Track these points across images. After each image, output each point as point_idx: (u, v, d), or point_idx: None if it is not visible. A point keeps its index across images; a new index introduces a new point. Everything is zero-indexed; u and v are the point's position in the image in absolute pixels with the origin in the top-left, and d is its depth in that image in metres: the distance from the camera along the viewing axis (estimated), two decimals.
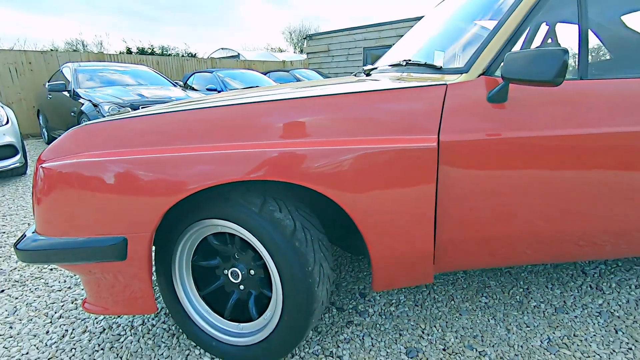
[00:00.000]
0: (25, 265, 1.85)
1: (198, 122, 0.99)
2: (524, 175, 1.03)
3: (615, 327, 1.31)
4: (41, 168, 1.00)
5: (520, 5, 1.06)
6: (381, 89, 1.05)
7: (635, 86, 1.06)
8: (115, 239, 0.97)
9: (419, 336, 1.29)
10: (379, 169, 0.97)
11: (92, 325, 1.37)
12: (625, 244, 1.17)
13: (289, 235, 0.99)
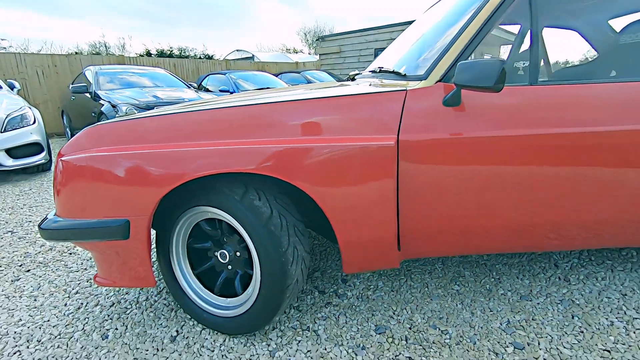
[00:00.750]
0: (48, 250, 2.07)
1: (184, 123, 1.16)
2: (474, 171, 1.16)
3: (573, 313, 1.41)
4: (60, 161, 1.19)
5: (473, 22, 1.19)
6: (350, 94, 1.19)
7: (578, 91, 1.17)
8: (120, 221, 1.15)
9: (390, 316, 1.43)
10: (344, 164, 1.12)
11: (104, 300, 1.56)
12: (569, 235, 1.27)
13: (266, 220, 1.15)
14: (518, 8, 1.22)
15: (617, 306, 1.44)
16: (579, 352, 1.21)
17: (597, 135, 1.14)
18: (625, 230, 1.28)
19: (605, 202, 1.21)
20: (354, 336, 1.32)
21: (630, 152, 1.15)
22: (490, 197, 1.18)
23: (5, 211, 2.74)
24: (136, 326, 1.39)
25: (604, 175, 1.17)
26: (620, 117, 1.14)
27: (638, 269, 1.71)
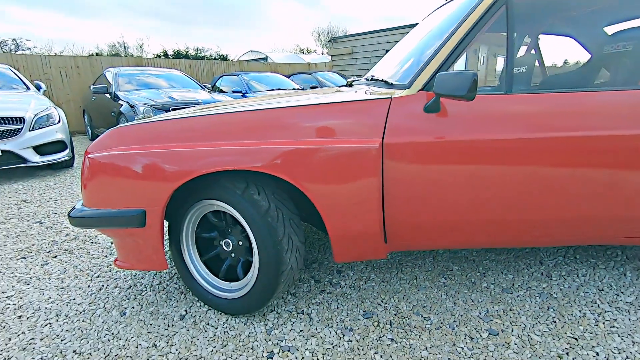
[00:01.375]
0: (72, 238, 2.28)
1: (193, 126, 1.32)
2: (451, 171, 1.28)
3: (549, 305, 1.52)
4: (87, 158, 1.37)
5: (452, 37, 1.31)
6: (341, 101, 1.33)
7: (548, 100, 1.28)
8: (138, 211, 1.32)
9: (378, 304, 1.56)
10: (334, 164, 1.26)
11: (122, 283, 1.74)
12: (538, 231, 1.38)
13: (264, 212, 1.30)
14: (496, 25, 1.34)
15: (592, 300, 1.54)
16: (548, 339, 1.32)
17: (562, 140, 1.25)
18: (589, 226, 1.38)
19: (569, 200, 1.31)
20: (343, 319, 1.46)
21: (594, 157, 1.26)
22: (466, 194, 1.30)
23: (34, 204, 2.97)
24: (150, 305, 1.56)
25: (570, 176, 1.28)
26: (584, 124, 1.25)
27: (620, 267, 1.79)
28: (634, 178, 1.30)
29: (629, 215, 1.36)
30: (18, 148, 3.52)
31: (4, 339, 1.37)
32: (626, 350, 1.25)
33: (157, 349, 1.30)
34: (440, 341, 1.33)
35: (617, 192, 1.32)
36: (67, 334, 1.39)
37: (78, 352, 1.29)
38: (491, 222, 1.35)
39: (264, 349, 1.29)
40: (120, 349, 1.30)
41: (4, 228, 2.47)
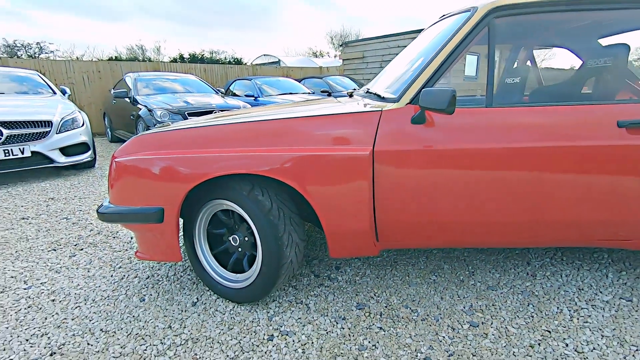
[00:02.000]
0: (96, 233, 2.49)
1: (205, 134, 1.50)
2: (434, 176, 1.42)
3: (530, 302, 1.64)
4: (114, 161, 1.56)
5: (438, 56, 1.46)
6: (336, 113, 1.49)
7: (524, 113, 1.41)
8: (157, 208, 1.50)
9: (370, 297, 1.71)
10: (329, 169, 1.42)
11: (141, 273, 1.94)
12: (515, 233, 1.51)
13: (267, 211, 1.46)
14: (478, 44, 1.48)
15: (570, 298, 1.65)
16: (524, 331, 1.45)
17: (536, 150, 1.38)
18: (564, 228, 1.50)
19: (543, 204, 1.44)
20: (337, 310, 1.61)
21: (563, 165, 1.38)
22: (447, 198, 1.44)
23: (60, 201, 3.22)
24: (166, 293, 1.74)
25: (542, 183, 1.41)
26: (555, 135, 1.38)
27: (603, 269, 1.89)
28: (605, 184, 1.41)
29: (604, 218, 1.47)
30: (46, 149, 3.80)
31: (41, 318, 1.57)
32: (594, 343, 1.37)
33: (172, 330, 1.48)
34: (424, 330, 1.47)
35: (591, 197, 1.43)
36: (95, 316, 1.58)
37: (104, 331, 1.48)
38: (471, 224, 1.49)
39: (265, 333, 1.46)
40: (140, 329, 1.48)
41: (35, 223, 2.71)
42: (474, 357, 1.32)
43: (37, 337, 1.45)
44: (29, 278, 1.92)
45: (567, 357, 1.31)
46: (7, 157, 3.58)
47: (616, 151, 1.39)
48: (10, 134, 3.61)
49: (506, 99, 1.55)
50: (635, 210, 1.46)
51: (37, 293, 1.77)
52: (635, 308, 1.57)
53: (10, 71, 5.15)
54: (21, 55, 25.38)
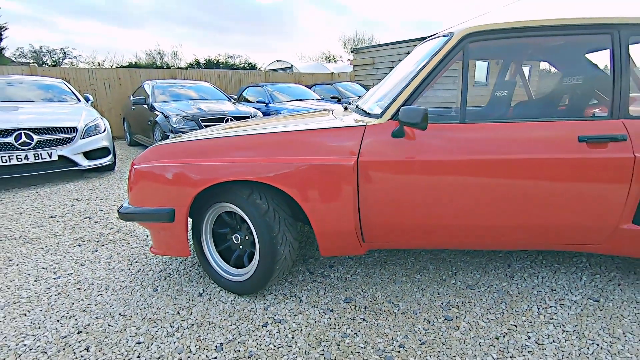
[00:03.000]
0: (116, 231, 2.75)
1: (211, 146, 1.71)
2: (412, 183, 1.60)
3: (503, 300, 1.79)
4: (133, 168, 1.79)
5: (416, 77, 1.64)
6: (326, 128, 1.69)
7: (493, 128, 1.58)
8: (169, 209, 1.72)
9: (358, 292, 1.89)
10: (319, 176, 1.61)
11: (154, 267, 2.17)
12: (485, 236, 1.67)
13: (263, 213, 1.66)
14: (452, 67, 1.65)
15: (542, 297, 1.79)
16: (492, 325, 1.60)
17: (499, 161, 1.54)
18: (530, 233, 1.65)
19: (508, 209, 1.59)
20: (327, 303, 1.79)
21: (529, 175, 1.54)
22: (423, 203, 1.62)
23: (84, 202, 3.51)
24: (176, 285, 1.96)
25: (506, 190, 1.57)
26: (515, 148, 1.54)
27: (579, 272, 2.02)
28: (568, 193, 1.56)
29: (569, 223, 1.62)
30: (71, 153, 4.11)
31: (69, 303, 1.81)
32: (554, 336, 1.52)
33: (180, 315, 1.69)
34: (403, 322, 1.64)
35: (556, 204, 1.59)
36: (114, 302, 1.81)
37: (122, 315, 1.70)
38: (445, 226, 1.66)
39: (261, 320, 1.65)
40: (153, 314, 1.70)
41: (62, 221, 2.99)
42: (444, 346, 1.49)
43: (66, 319, 1.68)
44: (58, 269, 2.17)
45: (527, 347, 1.46)
46: (37, 160, 3.90)
47: (577, 163, 1.54)
48: (40, 139, 3.93)
49: (477, 115, 1.72)
50: (597, 217, 1.61)
51: (65, 282, 2.02)
52: (601, 307, 1.70)
53: (39, 80, 5.54)
54: (46, 61, 26.56)
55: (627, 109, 1.58)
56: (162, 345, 1.50)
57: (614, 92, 1.59)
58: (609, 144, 1.55)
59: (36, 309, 1.77)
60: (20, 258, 2.32)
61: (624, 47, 1.60)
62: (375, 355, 1.44)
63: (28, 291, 1.93)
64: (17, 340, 1.54)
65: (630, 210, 1.59)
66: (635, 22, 1.61)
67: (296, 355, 1.44)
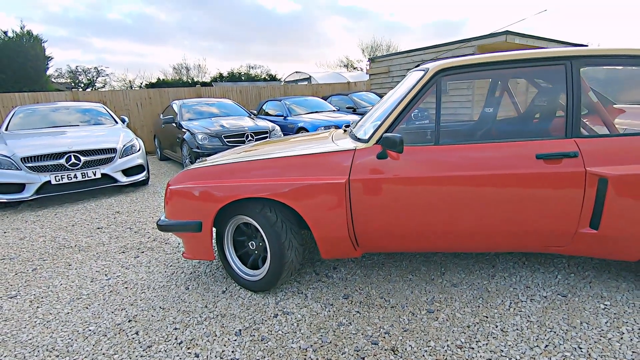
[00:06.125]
0: (153, 240, 3.19)
1: (229, 169, 2.09)
2: (394, 196, 1.91)
3: (481, 295, 2.06)
4: (169, 188, 2.21)
5: (397, 107, 1.96)
6: (323, 152, 2.03)
7: (464, 149, 1.87)
8: (197, 222, 2.11)
9: (355, 290, 2.21)
10: (317, 192, 1.95)
11: (186, 270, 2.57)
12: (462, 241, 1.95)
13: (273, 224, 2.02)
14: (429, 96, 1.97)
15: (516, 294, 2.05)
16: (467, 316, 1.88)
17: (471, 177, 1.83)
18: (501, 237, 1.92)
19: (479, 218, 1.87)
20: (328, 299, 2.13)
21: (494, 188, 1.82)
22: (405, 213, 1.93)
23: (124, 214, 4.01)
24: (204, 284, 2.35)
25: (475, 201, 1.85)
26: (482, 165, 1.83)
27: (556, 272, 2.25)
28: (529, 203, 1.83)
29: (532, 229, 1.88)
30: (112, 172, 4.66)
31: (120, 299, 2.23)
32: (519, 325, 1.78)
33: (207, 308, 2.07)
34: (390, 314, 1.95)
35: (519, 213, 1.86)
36: (155, 298, 2.22)
37: (162, 308, 2.10)
38: (423, 233, 1.96)
39: (272, 312, 2.01)
40: (185, 307, 2.09)
41: (107, 232, 3.48)
42: (422, 333, 1.78)
43: (119, 311, 2.10)
44: (108, 272, 2.62)
45: (493, 334, 1.73)
46: (83, 178, 4.47)
47: (536, 177, 1.81)
48: (86, 160, 4.50)
49: (449, 138, 2.01)
50: (559, 223, 1.86)
51: (115, 282, 2.46)
52: (567, 302, 1.94)
53: (81, 105, 6.22)
54: (82, 79, 28.46)
55: (579, 128, 1.84)
56: (194, 331, 1.88)
57: (567, 114, 1.86)
58: (563, 160, 1.81)
59: (94, 303, 2.20)
60: (78, 263, 2.80)
61: (576, 75, 1.87)
62: (363, 339, 1.76)
63: (87, 290, 2.38)
64: (84, 327, 1.96)
65: (586, 217, 1.84)
66: (585, 54, 1.87)
67: (299, 339, 1.78)
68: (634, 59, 1.85)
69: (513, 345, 1.65)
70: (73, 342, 1.84)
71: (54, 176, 4.32)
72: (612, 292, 2.00)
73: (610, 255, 1.92)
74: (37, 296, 2.32)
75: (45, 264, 2.81)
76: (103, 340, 1.84)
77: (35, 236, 3.46)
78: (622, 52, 1.87)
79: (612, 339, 1.65)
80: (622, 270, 2.21)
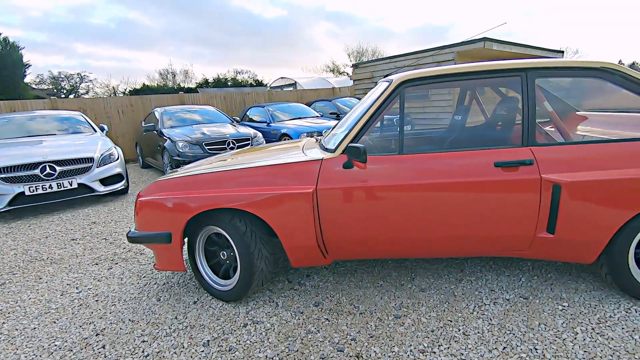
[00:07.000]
0: (127, 251, 3.17)
1: (199, 180, 2.11)
2: (360, 204, 1.96)
3: (447, 300, 2.11)
4: (138, 200, 2.20)
5: (362, 118, 2.01)
6: (292, 162, 2.07)
7: (425, 158, 1.93)
8: (167, 233, 2.11)
9: (326, 297, 2.23)
10: (285, 202, 1.98)
11: (159, 281, 2.56)
12: (424, 246, 2.00)
13: (242, 234, 2.04)
14: (392, 108, 2.02)
15: (480, 297, 2.11)
16: (432, 321, 1.93)
17: (432, 185, 1.89)
18: (460, 243, 1.98)
19: (439, 224, 1.93)
20: (299, 307, 2.15)
21: (454, 195, 1.88)
22: (371, 220, 1.97)
23: (100, 225, 3.96)
24: (176, 295, 2.35)
25: (437, 208, 1.91)
26: (443, 174, 1.89)
27: (521, 275, 2.32)
28: (488, 209, 1.90)
29: (492, 234, 1.95)
30: (89, 181, 4.60)
31: (89, 312, 2.21)
32: (480, 328, 1.83)
33: (177, 320, 2.07)
34: (359, 321, 1.98)
35: (478, 218, 1.92)
36: (125, 310, 2.21)
37: (131, 320, 2.09)
38: (391, 239, 2.01)
39: (242, 322, 2.02)
40: (155, 319, 2.09)
41: (82, 243, 3.43)
42: (387, 338, 1.82)
43: (87, 324, 2.08)
44: (80, 285, 2.59)
45: (455, 337, 1.78)
46: (59, 189, 4.40)
47: (494, 184, 1.88)
48: (62, 170, 4.44)
49: (412, 147, 2.07)
50: (518, 228, 1.93)
51: (85, 295, 2.43)
52: (528, 304, 2.01)
53: (59, 114, 6.13)
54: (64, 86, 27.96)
55: (534, 137, 1.92)
56: (162, 343, 1.88)
57: (523, 123, 1.94)
58: (519, 167, 1.88)
59: (63, 317, 2.18)
60: (49, 276, 2.76)
61: (531, 86, 1.95)
62: (330, 347, 1.79)
63: (56, 303, 2.35)
64: (50, 342, 1.94)
65: (543, 222, 1.91)
66: (539, 66, 1.95)
67: (267, 348, 1.80)
68: (583, 71, 1.95)
69: (473, 348, 1.70)
70: (37, 358, 1.82)
71: (28, 187, 4.24)
72: (570, 294, 2.07)
73: (567, 258, 1.99)
74: (3, 311, 2.28)
75: (15, 278, 2.76)
76: (68, 356, 1.82)
77: (6, 249, 3.39)
78: (573, 65, 1.96)
79: (567, 339, 1.71)
80: (582, 272, 2.30)
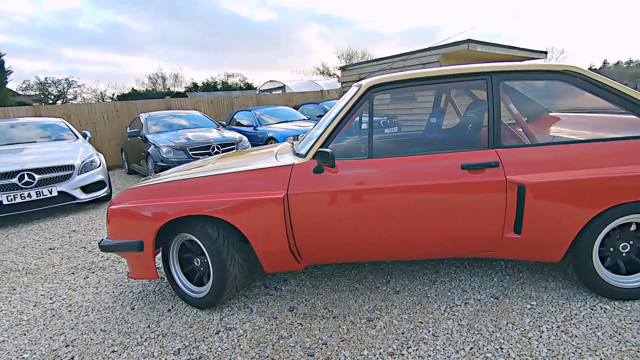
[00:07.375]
0: (105, 259, 3.13)
1: (170, 188, 2.10)
2: (330, 209, 1.97)
3: (420, 302, 2.13)
4: (109, 208, 2.19)
5: (331, 124, 2.03)
6: (263, 168, 2.07)
7: (394, 161, 1.95)
8: (139, 241, 2.10)
9: (301, 302, 2.24)
10: (256, 208, 1.99)
11: (134, 289, 2.54)
12: (396, 248, 2.02)
13: (214, 240, 2.04)
14: (362, 113, 2.04)
15: (452, 298, 2.13)
16: (403, 323, 1.94)
17: (401, 188, 1.91)
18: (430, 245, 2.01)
19: (409, 226, 1.95)
20: (273, 312, 2.15)
21: (423, 197, 1.91)
22: (341, 224, 1.98)
23: (80, 233, 3.92)
24: (150, 303, 2.33)
25: (406, 210, 1.93)
26: (412, 176, 1.91)
27: (493, 275, 2.35)
28: (456, 210, 1.92)
29: (461, 235, 1.97)
30: (70, 189, 4.55)
31: (61, 323, 2.19)
32: (449, 329, 1.85)
33: (149, 328, 2.06)
34: (331, 325, 1.99)
35: (447, 220, 1.94)
36: (98, 320, 2.18)
37: (103, 330, 2.07)
38: (361, 243, 2.02)
39: (215, 329, 2.01)
40: (128, 328, 2.07)
41: (60, 252, 3.39)
42: (358, 341, 1.83)
43: (57, 336, 2.06)
44: (54, 295, 2.55)
45: (424, 339, 1.80)
46: (39, 197, 4.34)
47: (461, 187, 1.91)
48: (41, 178, 4.38)
49: (382, 151, 2.09)
50: (486, 229, 1.96)
51: (59, 306, 2.40)
52: (497, 304, 2.04)
53: (41, 121, 6.05)
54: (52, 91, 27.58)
55: (500, 139, 1.95)
56: (132, 352, 1.86)
57: (488, 125, 1.97)
58: (486, 169, 1.91)
59: (34, 329, 2.15)
60: (23, 287, 2.72)
61: (496, 89, 1.98)
62: (301, 351, 1.79)
63: (28, 315, 2.31)
64: (18, 355, 1.91)
65: (510, 222, 1.94)
66: (504, 70, 1.99)
67: (237, 355, 1.80)
68: (546, 74, 1.99)
69: (441, 349, 1.72)
70: None
71: (6, 196, 4.18)
72: (540, 292, 2.11)
73: (535, 257, 2.03)
74: None
75: None
76: None
77: None
78: (537, 68, 2.00)
79: (532, 337, 1.74)
80: (553, 271, 2.34)
